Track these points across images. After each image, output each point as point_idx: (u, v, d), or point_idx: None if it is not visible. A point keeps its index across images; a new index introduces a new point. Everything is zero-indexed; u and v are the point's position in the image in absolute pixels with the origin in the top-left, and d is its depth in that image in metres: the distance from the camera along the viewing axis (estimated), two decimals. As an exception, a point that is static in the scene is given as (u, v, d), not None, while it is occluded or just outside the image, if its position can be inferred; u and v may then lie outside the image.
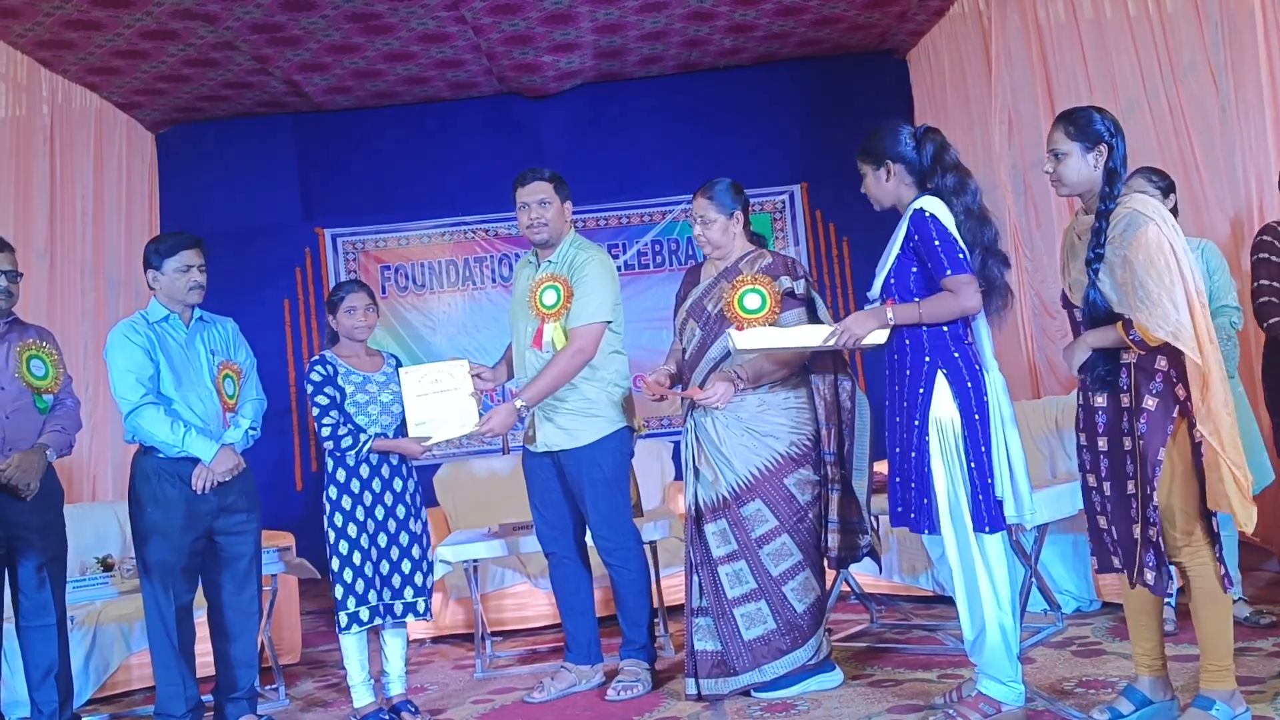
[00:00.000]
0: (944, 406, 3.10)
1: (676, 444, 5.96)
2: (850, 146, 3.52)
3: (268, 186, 7.68)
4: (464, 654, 4.85)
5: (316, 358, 3.93)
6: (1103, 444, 2.90)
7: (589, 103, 7.73)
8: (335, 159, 7.75)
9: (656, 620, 4.32)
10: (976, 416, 3.09)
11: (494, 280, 7.65)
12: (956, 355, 3.13)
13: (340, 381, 3.87)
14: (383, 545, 3.82)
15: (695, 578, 3.71)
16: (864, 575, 4.63)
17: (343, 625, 3.75)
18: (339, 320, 3.95)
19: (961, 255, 3.10)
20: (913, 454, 3.15)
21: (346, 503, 3.80)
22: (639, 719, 3.58)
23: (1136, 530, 2.80)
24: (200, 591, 3.81)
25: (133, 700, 4.50)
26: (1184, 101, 4.81)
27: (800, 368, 3.71)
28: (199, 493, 3.61)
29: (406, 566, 3.86)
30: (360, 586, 3.76)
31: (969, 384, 3.10)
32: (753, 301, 3.65)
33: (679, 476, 5.92)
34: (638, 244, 7.66)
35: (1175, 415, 2.77)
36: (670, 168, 7.48)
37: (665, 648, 4.39)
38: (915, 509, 3.15)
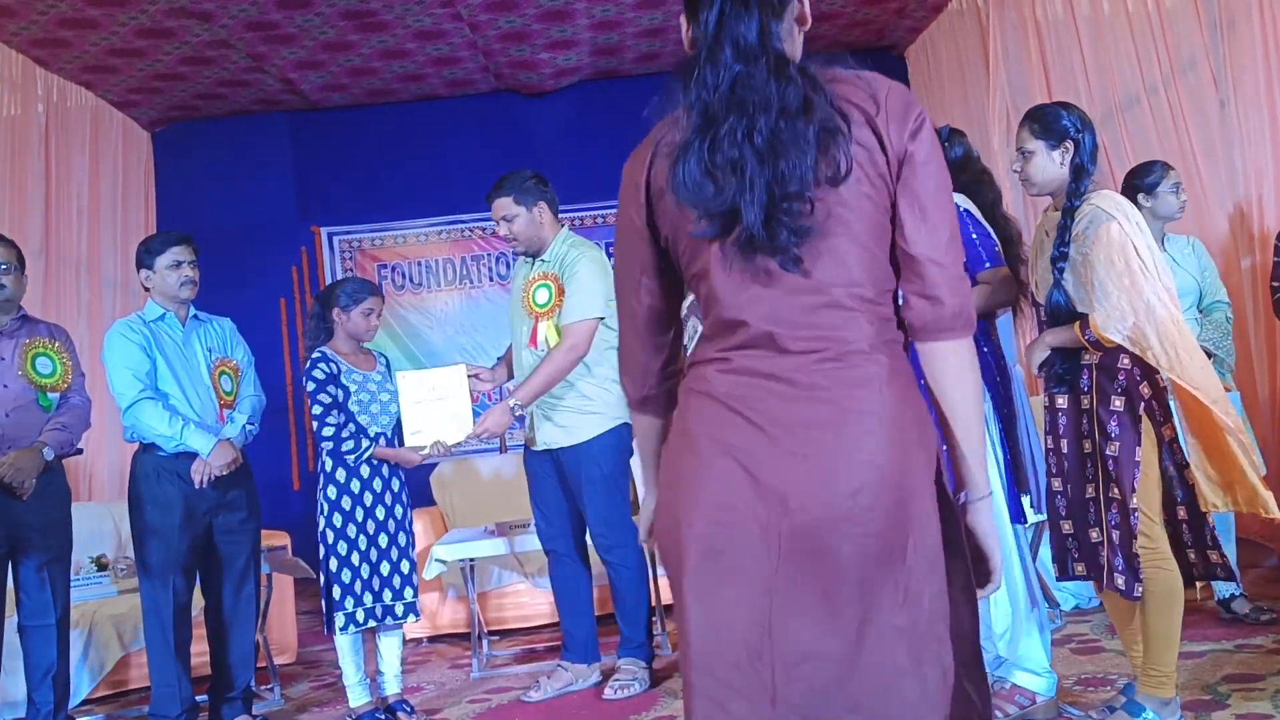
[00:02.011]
0: None
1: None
2: (847, 143, 3.51)
3: (264, 185, 7.65)
4: (461, 653, 4.84)
5: (318, 354, 3.85)
6: (1064, 445, 2.87)
7: (586, 100, 7.71)
8: (331, 157, 7.73)
9: (654, 619, 4.31)
10: (1006, 410, 3.08)
11: (491, 278, 7.63)
12: (985, 350, 3.10)
13: (344, 380, 3.83)
14: (383, 546, 3.80)
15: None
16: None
17: (339, 626, 3.73)
18: (350, 319, 3.89)
19: (997, 249, 3.09)
20: (943, 447, 3.12)
21: (346, 503, 3.78)
22: (636, 718, 3.56)
23: (1095, 534, 2.78)
24: (198, 591, 3.80)
25: (128, 700, 4.48)
26: (1183, 97, 4.80)
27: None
28: (197, 486, 3.61)
29: (405, 567, 3.84)
30: (358, 588, 3.74)
31: (998, 378, 3.09)
32: None
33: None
34: (635, 242, 7.64)
35: (1141, 414, 2.75)
36: (668, 165, 7.45)
37: (663, 646, 4.38)
38: None
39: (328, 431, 3.77)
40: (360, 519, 3.77)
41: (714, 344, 1.52)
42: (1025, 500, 3.12)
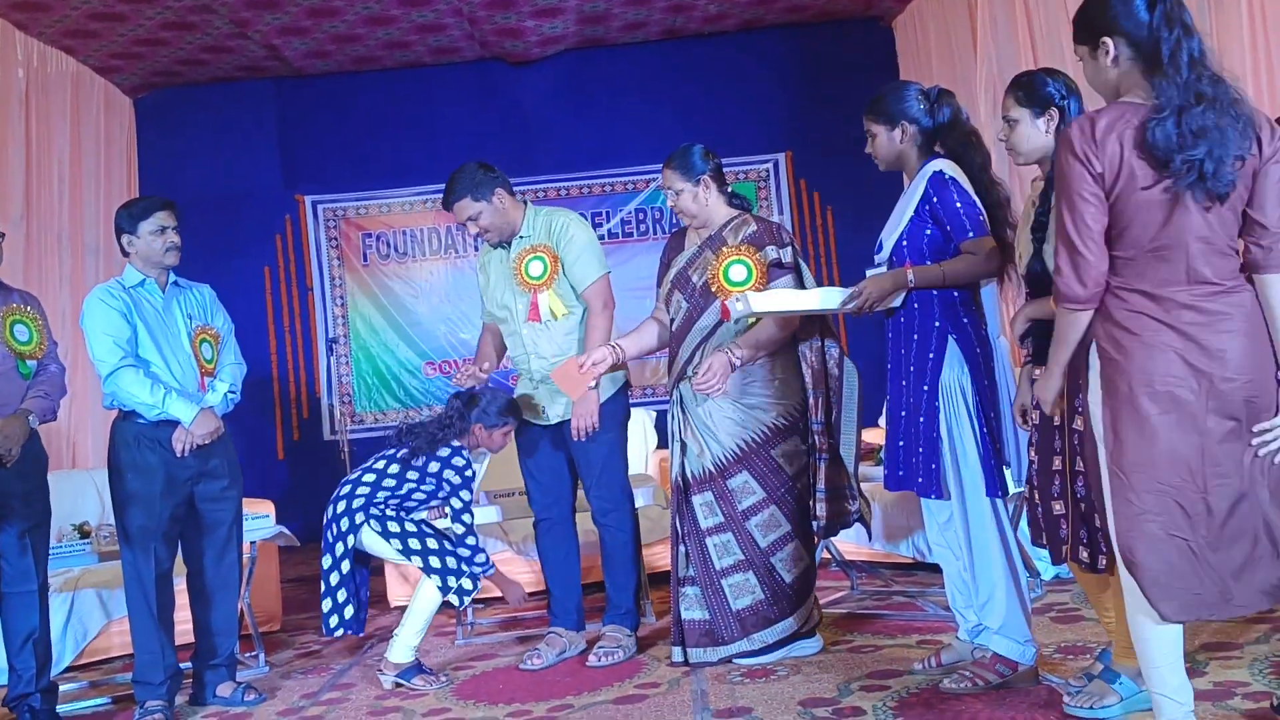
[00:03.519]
0: (954, 371, 3.08)
1: (660, 412, 5.95)
2: (835, 115, 3.49)
3: (247, 152, 7.61)
4: (445, 622, 4.85)
5: (468, 452, 3.95)
6: (1035, 417, 2.87)
7: (572, 69, 7.66)
8: (316, 125, 7.68)
9: (640, 586, 4.32)
10: (986, 382, 3.07)
11: (476, 248, 7.57)
12: (966, 320, 3.09)
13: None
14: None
15: (682, 548, 3.70)
16: (845, 543, 4.64)
17: (468, 590, 3.85)
18: (493, 436, 3.97)
19: (982, 218, 3.07)
20: (921, 418, 3.11)
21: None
22: (620, 684, 3.58)
23: (1059, 506, 2.78)
24: (179, 558, 3.79)
25: (111, 668, 4.49)
26: (1169, 71, 4.79)
27: (788, 337, 3.68)
28: (179, 455, 3.60)
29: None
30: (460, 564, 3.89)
31: (978, 349, 3.08)
32: (738, 273, 3.61)
33: (662, 444, 5.92)
34: (621, 212, 7.62)
35: None
36: (654, 135, 7.41)
37: (646, 614, 4.39)
38: (923, 474, 3.12)
39: (471, 541, 3.91)
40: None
41: (1146, 276, 2.30)
42: (1007, 472, 3.14)
